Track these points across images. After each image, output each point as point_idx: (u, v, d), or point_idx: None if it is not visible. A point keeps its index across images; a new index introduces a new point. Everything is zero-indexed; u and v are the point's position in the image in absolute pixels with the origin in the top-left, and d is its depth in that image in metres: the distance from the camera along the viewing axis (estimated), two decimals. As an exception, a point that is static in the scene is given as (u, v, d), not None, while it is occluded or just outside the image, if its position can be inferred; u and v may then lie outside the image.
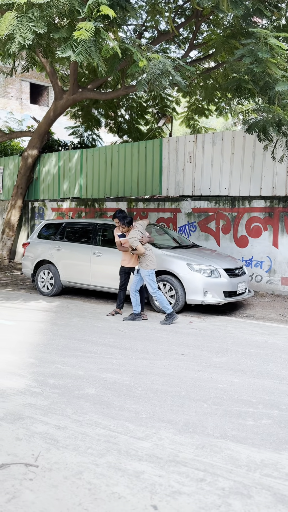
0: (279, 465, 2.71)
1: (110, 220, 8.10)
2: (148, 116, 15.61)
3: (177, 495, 2.40)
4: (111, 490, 2.45)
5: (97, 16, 5.31)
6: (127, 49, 5.84)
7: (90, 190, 11.98)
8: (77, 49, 5.19)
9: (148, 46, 6.62)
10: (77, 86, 10.78)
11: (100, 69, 5.73)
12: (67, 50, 5.33)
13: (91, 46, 5.33)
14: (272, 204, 8.75)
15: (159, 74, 6.17)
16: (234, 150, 9.41)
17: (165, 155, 10.42)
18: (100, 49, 5.49)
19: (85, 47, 5.22)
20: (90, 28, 5.17)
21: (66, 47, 5.32)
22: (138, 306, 6.62)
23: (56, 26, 5.92)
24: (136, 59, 5.73)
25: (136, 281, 6.63)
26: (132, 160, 11.01)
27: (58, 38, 5.66)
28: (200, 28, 10.75)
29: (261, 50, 5.62)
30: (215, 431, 3.13)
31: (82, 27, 5.15)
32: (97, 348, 5.08)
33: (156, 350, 5.03)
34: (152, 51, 6.56)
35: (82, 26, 5.15)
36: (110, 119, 15.60)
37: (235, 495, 2.41)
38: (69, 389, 3.84)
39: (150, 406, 3.51)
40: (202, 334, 5.84)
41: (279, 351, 5.16)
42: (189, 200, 9.81)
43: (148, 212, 10.46)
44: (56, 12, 5.41)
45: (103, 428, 3.15)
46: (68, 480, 2.54)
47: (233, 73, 9.92)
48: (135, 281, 6.64)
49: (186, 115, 14.79)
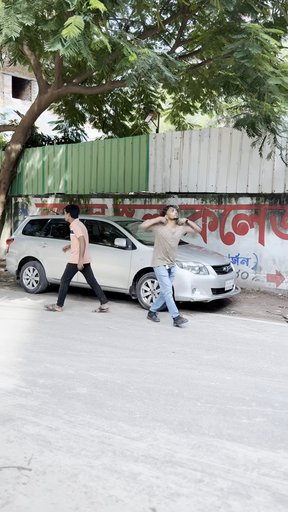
0: (276, 464, 2.69)
1: (97, 216, 8.02)
2: (133, 112, 15.50)
3: (175, 497, 2.36)
4: (108, 493, 2.39)
5: (87, 9, 5.20)
6: (116, 43, 5.75)
7: (76, 185, 11.83)
8: (66, 43, 5.07)
9: (138, 41, 6.53)
10: (62, 80, 10.60)
11: (89, 64, 5.62)
12: (55, 44, 5.20)
13: (80, 40, 5.22)
14: (258, 202, 8.78)
15: (148, 69, 6.10)
16: (221, 147, 9.40)
17: (152, 151, 10.35)
18: (89, 43, 5.38)
19: (74, 41, 5.10)
20: (79, 24, 5.05)
21: (55, 41, 5.19)
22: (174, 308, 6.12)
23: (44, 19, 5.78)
24: (126, 53, 5.64)
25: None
26: (119, 156, 10.92)
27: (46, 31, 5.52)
28: (186, 24, 10.69)
29: (252, 45, 5.60)
30: (210, 430, 3.10)
31: (72, 23, 5.02)
32: (86, 347, 5.00)
33: (146, 348, 4.98)
34: (141, 45, 6.48)
35: (72, 22, 5.03)
36: (95, 114, 15.44)
37: (234, 495, 2.38)
38: (59, 389, 3.76)
39: (144, 406, 3.47)
40: (191, 331, 5.82)
41: (268, 348, 5.17)
42: (176, 197, 9.78)
43: (134, 208, 10.39)
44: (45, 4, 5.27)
45: (96, 428, 3.09)
46: (63, 483, 2.48)
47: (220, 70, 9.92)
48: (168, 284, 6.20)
49: (172, 111, 14.74)
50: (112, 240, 7.67)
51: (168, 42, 12.11)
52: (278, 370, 4.41)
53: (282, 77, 6.12)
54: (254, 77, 6.28)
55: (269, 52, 6.23)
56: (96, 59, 6.28)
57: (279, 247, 8.55)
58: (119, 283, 7.38)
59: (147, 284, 7.04)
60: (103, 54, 6.09)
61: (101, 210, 10.99)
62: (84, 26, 5.09)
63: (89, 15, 5.29)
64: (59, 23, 5.44)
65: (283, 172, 8.67)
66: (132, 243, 7.32)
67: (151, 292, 7.01)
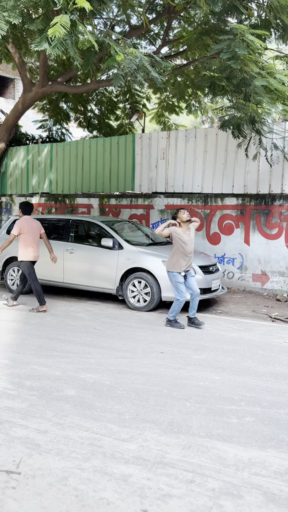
0: (266, 463, 2.70)
1: (83, 216, 7.97)
2: (118, 112, 15.46)
3: (167, 498, 2.35)
4: (99, 496, 2.37)
5: (73, 8, 5.15)
6: (103, 42, 5.71)
7: (61, 185, 11.74)
8: (53, 42, 5.01)
9: (124, 40, 6.50)
10: (47, 78, 10.51)
11: (76, 63, 5.57)
12: (42, 43, 5.15)
13: (67, 39, 5.17)
14: (244, 202, 8.84)
15: (135, 69, 6.08)
16: (207, 147, 9.44)
17: (138, 151, 10.34)
18: (76, 42, 5.33)
19: (61, 40, 5.05)
20: (65, 23, 5.00)
21: (42, 40, 5.14)
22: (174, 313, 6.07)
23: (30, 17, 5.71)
24: (113, 53, 5.61)
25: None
26: (104, 156, 10.87)
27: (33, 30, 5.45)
28: (171, 25, 10.71)
29: (238, 46, 5.63)
30: (200, 430, 3.10)
31: (58, 22, 4.97)
32: (74, 348, 4.96)
33: (135, 349, 4.97)
34: (128, 45, 6.45)
35: (58, 21, 4.97)
36: (80, 114, 15.35)
37: (225, 495, 2.38)
38: (47, 391, 3.72)
39: (133, 406, 3.45)
40: (179, 331, 5.82)
41: (255, 347, 5.21)
42: (162, 197, 9.78)
43: (120, 208, 10.36)
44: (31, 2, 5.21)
45: (86, 430, 3.06)
46: (53, 486, 2.44)
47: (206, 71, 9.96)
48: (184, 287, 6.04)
49: (157, 111, 14.76)
50: (98, 240, 7.63)
51: (153, 42, 12.11)
52: (266, 369, 4.44)
53: (268, 78, 6.17)
54: (240, 78, 6.31)
55: (255, 53, 6.28)
56: (82, 58, 6.24)
57: (264, 247, 8.63)
58: (105, 283, 7.35)
59: (134, 285, 7.02)
60: (89, 53, 6.05)
61: (86, 210, 10.93)
62: (70, 25, 5.04)
63: (75, 14, 5.25)
64: (46, 21, 5.38)
65: (268, 173, 8.74)
66: (118, 243, 7.29)
67: (138, 292, 6.99)
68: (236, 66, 5.81)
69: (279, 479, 2.54)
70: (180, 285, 5.96)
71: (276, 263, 8.52)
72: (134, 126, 15.53)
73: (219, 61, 6.69)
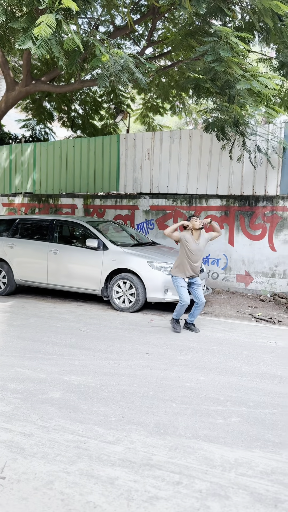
0: (252, 463, 2.72)
1: (68, 216, 7.92)
2: (103, 112, 15.42)
3: (154, 501, 2.34)
4: (85, 499, 2.34)
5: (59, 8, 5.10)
6: (88, 42, 5.67)
7: (44, 185, 11.64)
8: (38, 41, 4.95)
9: (109, 41, 6.47)
10: (30, 78, 10.39)
11: (60, 63, 5.52)
12: (26, 42, 5.08)
13: (52, 39, 5.11)
14: (228, 203, 8.90)
15: (120, 69, 6.06)
16: (191, 149, 9.47)
17: (123, 151, 10.31)
18: (61, 41, 5.28)
19: (46, 39, 4.99)
20: (51, 23, 4.94)
21: (26, 38, 5.07)
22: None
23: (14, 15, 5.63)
24: (98, 53, 5.57)
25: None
26: (89, 156, 10.82)
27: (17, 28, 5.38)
28: (156, 26, 10.72)
29: (222, 48, 5.66)
30: (186, 431, 3.10)
31: (43, 21, 4.91)
32: (58, 349, 4.91)
33: (120, 350, 4.94)
34: (113, 45, 6.43)
35: (43, 20, 4.91)
36: (63, 113, 15.26)
37: (212, 496, 2.38)
38: (32, 394, 3.67)
39: (119, 408, 3.43)
40: (164, 332, 5.82)
41: (240, 347, 5.24)
42: (147, 198, 9.78)
43: (105, 209, 10.32)
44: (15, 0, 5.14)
45: (71, 433, 3.03)
46: (39, 491, 2.41)
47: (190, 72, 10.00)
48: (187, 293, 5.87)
49: (141, 112, 14.76)
50: (83, 240, 7.58)
51: (137, 43, 12.11)
52: (251, 369, 4.46)
53: (252, 81, 6.22)
54: (224, 80, 6.35)
55: (239, 56, 6.32)
56: (67, 58, 6.19)
57: (248, 248, 8.70)
58: (90, 284, 7.30)
59: (119, 285, 7.00)
60: (74, 53, 6.00)
61: (71, 210, 10.85)
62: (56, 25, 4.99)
63: (60, 13, 5.19)
64: (30, 20, 5.32)
65: (251, 174, 8.82)
66: (103, 243, 7.25)
67: (123, 293, 6.97)
68: (220, 68, 5.84)
69: (266, 479, 2.55)
70: (181, 288, 5.75)
71: (260, 263, 8.59)
72: (118, 127, 15.51)
73: (203, 63, 6.71)
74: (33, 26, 5.01)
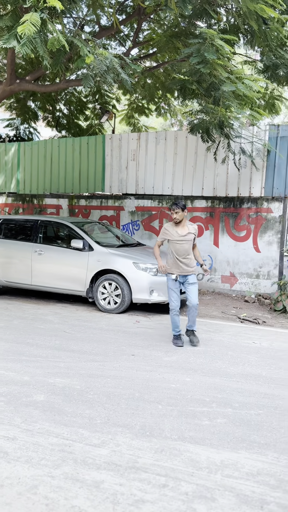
0: (238, 464, 2.72)
1: (52, 216, 7.85)
2: (88, 112, 15.34)
3: (140, 504, 2.32)
4: (70, 504, 2.31)
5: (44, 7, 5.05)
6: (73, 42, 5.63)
7: (29, 185, 11.52)
8: (22, 40, 4.89)
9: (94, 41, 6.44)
10: (15, 77, 10.26)
11: (45, 62, 5.46)
12: (11, 40, 5.01)
13: (37, 38, 5.06)
14: (213, 205, 8.94)
15: (105, 70, 6.02)
16: (177, 150, 9.49)
17: (108, 152, 10.28)
18: (45, 40, 5.22)
19: (30, 38, 4.94)
20: (36, 21, 4.88)
21: (10, 37, 5.00)
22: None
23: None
24: (83, 54, 5.53)
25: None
26: (74, 156, 10.75)
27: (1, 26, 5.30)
28: (141, 26, 10.71)
29: (208, 50, 5.68)
30: (172, 433, 3.08)
31: (27, 20, 4.85)
32: (43, 352, 4.85)
33: (105, 352, 4.91)
34: (98, 45, 6.39)
35: (28, 18, 4.85)
36: (48, 113, 15.15)
37: (199, 499, 2.37)
38: (15, 397, 3.61)
39: (104, 411, 3.40)
40: (150, 333, 5.81)
41: (225, 348, 5.25)
42: (132, 199, 9.76)
43: (90, 209, 10.26)
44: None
45: (56, 436, 2.99)
46: (23, 496, 2.36)
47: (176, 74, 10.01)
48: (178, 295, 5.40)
49: (127, 113, 14.73)
50: (68, 241, 7.52)
51: (123, 43, 12.09)
52: (236, 370, 4.48)
53: (237, 83, 6.25)
54: (210, 82, 6.37)
55: (224, 58, 6.34)
56: (52, 58, 6.13)
57: (233, 249, 8.75)
58: (75, 285, 7.24)
59: (104, 286, 6.96)
60: (59, 53, 5.95)
61: (55, 210, 10.77)
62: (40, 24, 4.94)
63: (45, 12, 5.14)
64: (15, 18, 5.25)
65: (236, 176, 8.88)
66: (89, 244, 7.21)
67: (108, 294, 6.93)
68: (206, 70, 5.85)
69: (252, 480, 2.55)
70: (170, 291, 5.29)
71: (244, 265, 8.65)
72: (103, 127, 15.45)
73: (189, 64, 6.73)
74: (18, 25, 4.95)
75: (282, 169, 8.52)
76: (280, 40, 6.91)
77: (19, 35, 5.00)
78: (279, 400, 3.73)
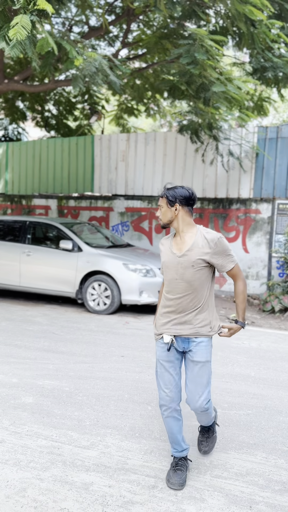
0: (227, 465, 2.72)
1: (41, 217, 7.80)
2: (77, 113, 15.29)
3: (130, 505, 2.31)
4: (59, 506, 2.29)
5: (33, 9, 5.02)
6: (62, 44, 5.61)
7: (17, 185, 11.44)
8: (12, 42, 4.86)
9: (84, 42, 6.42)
10: (3, 76, 10.20)
11: (34, 64, 5.43)
12: (0, 42, 4.97)
13: (26, 40, 5.02)
14: (202, 206, 8.97)
15: (94, 72, 6.01)
16: (166, 151, 9.51)
17: (97, 152, 10.25)
18: (35, 42, 5.19)
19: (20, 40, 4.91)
20: (26, 24, 4.85)
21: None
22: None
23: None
24: (72, 56, 5.52)
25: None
26: (63, 156, 10.70)
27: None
28: (130, 27, 10.71)
29: (198, 51, 5.70)
30: (162, 434, 3.08)
31: (18, 22, 4.81)
32: (31, 353, 4.82)
33: (95, 353, 4.89)
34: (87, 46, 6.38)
35: (18, 21, 4.82)
36: (37, 113, 15.07)
37: (188, 500, 2.37)
38: (3, 399, 3.58)
39: (93, 412, 3.38)
40: (139, 334, 5.80)
41: (214, 348, 5.25)
42: (122, 199, 9.75)
43: (79, 210, 10.23)
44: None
45: (44, 438, 2.97)
46: (11, 499, 2.34)
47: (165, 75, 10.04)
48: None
49: (116, 113, 14.71)
50: (57, 242, 7.48)
51: (112, 44, 12.07)
52: (225, 370, 4.50)
53: (227, 84, 6.28)
54: (200, 83, 6.39)
55: (214, 59, 6.38)
56: (41, 59, 6.10)
57: (222, 249, 8.77)
58: (64, 286, 7.21)
59: (93, 288, 6.93)
60: (48, 54, 5.93)
61: (44, 211, 10.71)
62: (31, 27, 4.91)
63: (34, 14, 5.11)
64: (3, 19, 5.21)
65: (225, 177, 8.92)
66: (78, 245, 7.18)
67: (98, 296, 6.91)
68: (196, 71, 5.87)
69: (240, 480, 2.56)
70: (158, 368, 2.69)
71: (233, 265, 8.67)
72: (92, 127, 15.42)
73: (178, 65, 6.74)
74: (7, 26, 4.91)
75: (271, 171, 8.58)
76: (266, 43, 6.96)
77: (8, 37, 4.96)
78: (267, 400, 3.76)
